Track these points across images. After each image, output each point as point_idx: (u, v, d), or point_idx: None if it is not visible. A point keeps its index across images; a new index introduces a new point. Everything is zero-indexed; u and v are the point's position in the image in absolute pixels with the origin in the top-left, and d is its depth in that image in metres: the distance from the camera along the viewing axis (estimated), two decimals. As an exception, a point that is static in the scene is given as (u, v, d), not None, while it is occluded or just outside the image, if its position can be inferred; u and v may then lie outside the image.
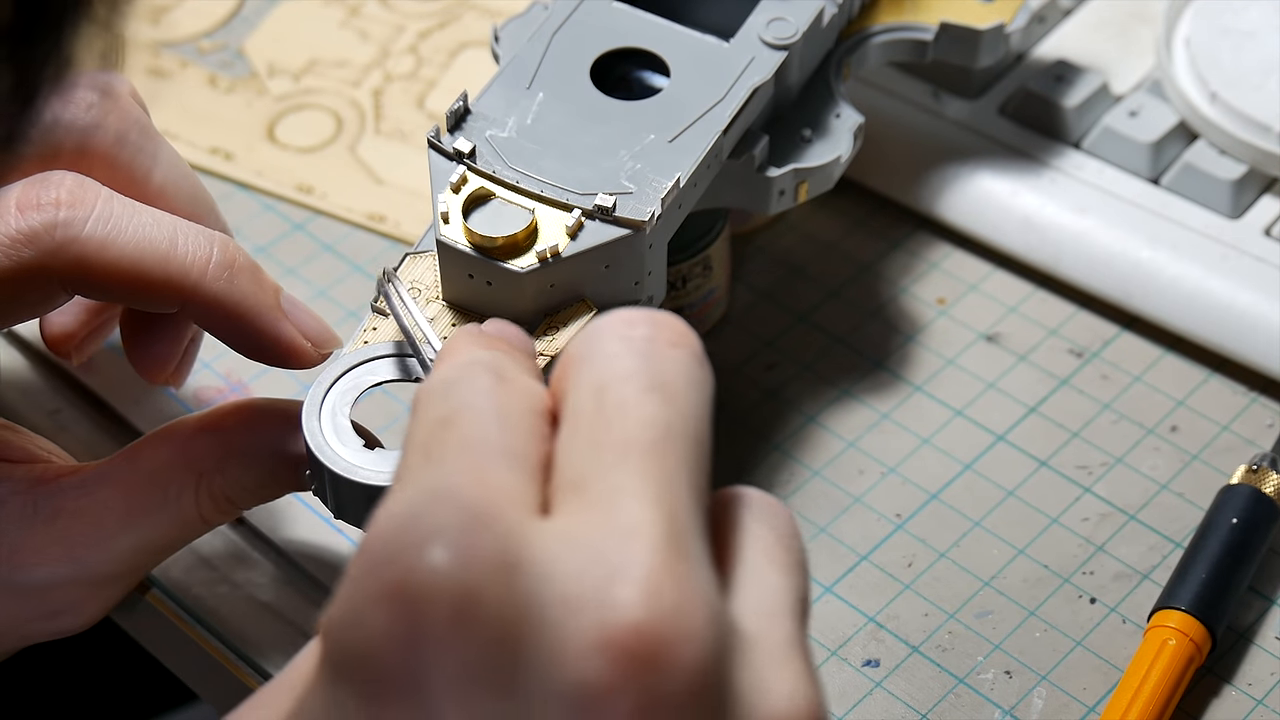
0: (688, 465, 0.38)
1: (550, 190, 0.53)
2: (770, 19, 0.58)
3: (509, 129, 0.55)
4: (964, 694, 0.55)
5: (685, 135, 0.55)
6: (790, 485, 0.60)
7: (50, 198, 0.51)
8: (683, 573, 0.36)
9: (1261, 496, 0.57)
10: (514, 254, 0.53)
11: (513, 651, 0.35)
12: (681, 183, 0.54)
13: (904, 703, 0.55)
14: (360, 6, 0.76)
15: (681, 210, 0.55)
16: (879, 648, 0.56)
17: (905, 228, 0.68)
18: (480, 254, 0.53)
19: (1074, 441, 0.61)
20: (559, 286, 0.53)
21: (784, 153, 0.59)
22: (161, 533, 0.53)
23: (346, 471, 0.50)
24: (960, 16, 0.62)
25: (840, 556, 0.59)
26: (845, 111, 0.60)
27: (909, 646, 0.56)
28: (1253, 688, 0.55)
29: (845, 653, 0.56)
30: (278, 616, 0.58)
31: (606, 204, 0.53)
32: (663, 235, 0.55)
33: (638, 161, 0.54)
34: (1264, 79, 0.65)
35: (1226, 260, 0.63)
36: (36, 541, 0.51)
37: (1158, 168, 0.66)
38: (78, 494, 0.52)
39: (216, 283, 0.52)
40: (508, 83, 0.57)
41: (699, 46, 0.58)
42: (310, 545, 0.59)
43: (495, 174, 0.54)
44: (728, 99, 0.56)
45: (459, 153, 0.54)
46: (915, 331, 0.65)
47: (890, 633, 0.57)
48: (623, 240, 0.53)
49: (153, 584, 0.58)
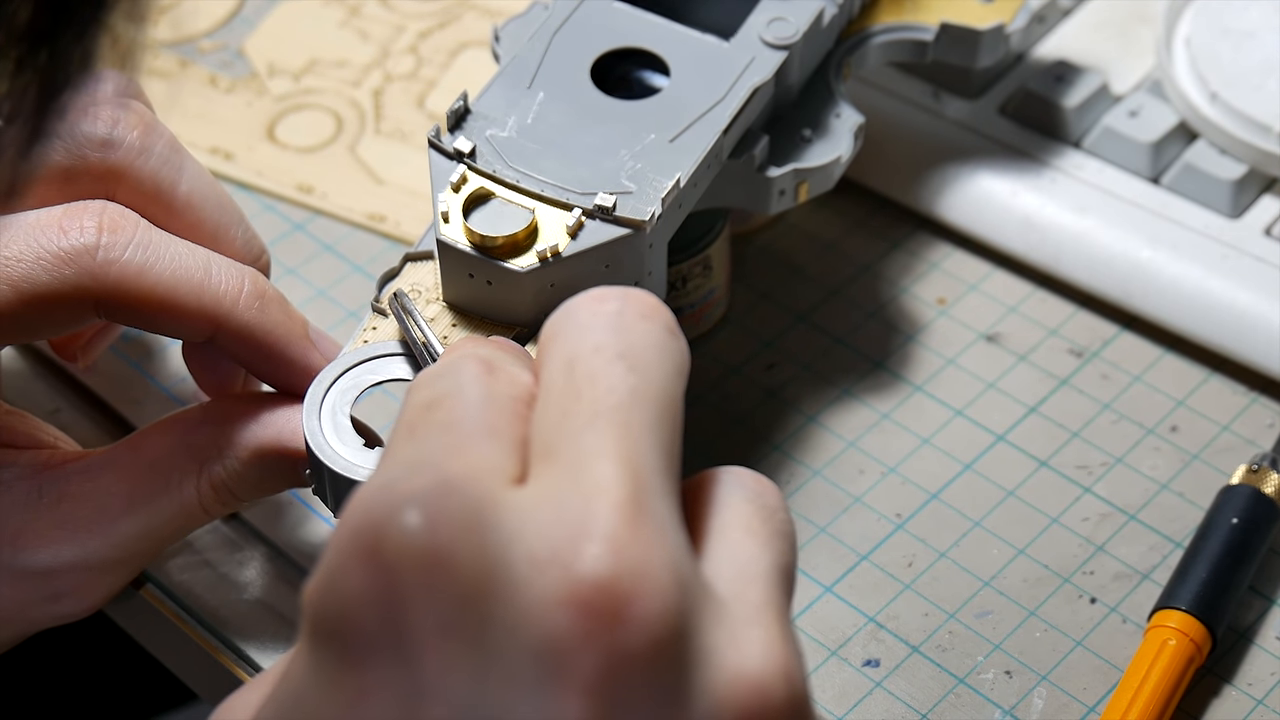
0: (655, 429, 0.39)
1: (551, 190, 0.53)
2: (771, 19, 0.58)
3: (509, 129, 0.55)
4: (964, 694, 0.55)
5: (686, 135, 0.55)
6: (790, 485, 0.60)
7: (94, 222, 0.52)
8: (648, 530, 0.37)
9: (1262, 496, 0.57)
10: (514, 253, 0.53)
11: (485, 608, 0.36)
12: (682, 182, 0.54)
13: (904, 703, 0.55)
14: (360, 6, 0.76)
15: (682, 210, 0.55)
16: (879, 648, 0.56)
17: (905, 228, 0.68)
18: (480, 253, 0.53)
19: (1074, 441, 0.61)
20: (559, 286, 0.53)
21: (784, 152, 0.59)
22: (164, 519, 0.53)
23: (345, 470, 0.50)
24: (960, 17, 0.62)
25: (840, 556, 0.59)
26: (845, 111, 0.60)
27: (909, 646, 0.56)
28: (1253, 688, 0.55)
29: (845, 653, 0.56)
30: (278, 616, 0.58)
31: (607, 204, 0.53)
32: (663, 235, 0.55)
33: (638, 161, 0.54)
34: (1264, 79, 0.65)
35: (1226, 260, 0.63)
36: (40, 525, 0.52)
37: (1158, 168, 0.66)
38: (82, 479, 0.53)
39: (248, 312, 0.53)
40: (508, 82, 0.57)
41: (699, 46, 0.58)
42: (312, 546, 0.59)
43: (495, 174, 0.54)
44: (728, 99, 0.56)
45: (459, 152, 0.54)
46: (915, 331, 0.65)
47: (890, 633, 0.57)
48: (623, 240, 0.53)
49: (151, 582, 0.58)
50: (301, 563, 0.59)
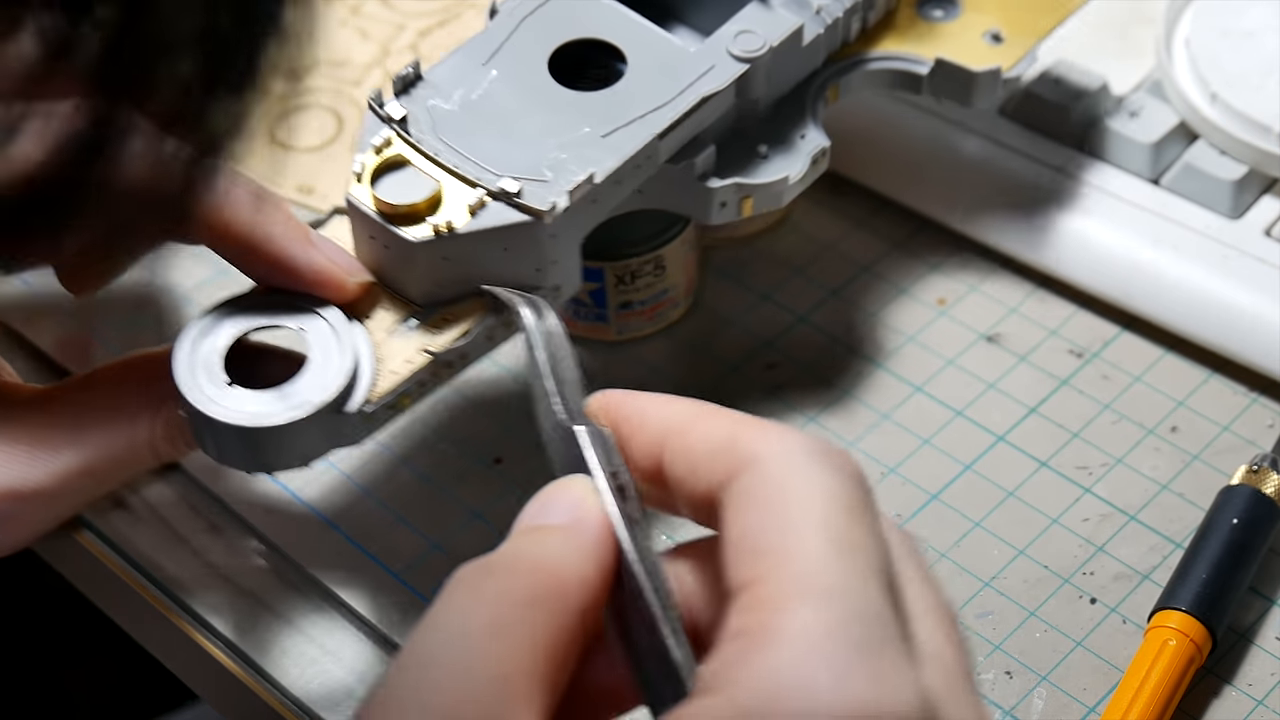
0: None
1: (466, 166, 0.54)
2: (740, 31, 0.57)
3: (454, 101, 0.55)
4: (964, 694, 0.55)
5: (619, 133, 0.55)
6: (790, 485, 0.60)
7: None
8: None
9: (1262, 497, 0.57)
10: (413, 223, 0.53)
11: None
12: (597, 179, 0.54)
13: (904, 703, 0.55)
14: (360, 5, 0.76)
15: (599, 206, 0.55)
16: (879, 648, 0.56)
17: (905, 228, 0.68)
18: (381, 218, 0.53)
19: (1074, 442, 0.62)
20: (454, 262, 0.53)
21: (733, 165, 0.58)
22: (109, 454, 0.53)
23: (198, 403, 0.51)
24: (962, 55, 0.61)
25: (840, 557, 0.59)
26: (811, 134, 0.59)
27: (909, 647, 0.56)
28: (1253, 688, 0.55)
29: (845, 653, 0.56)
30: (278, 616, 0.58)
31: (511, 188, 0.53)
32: (572, 228, 0.54)
33: (564, 151, 0.54)
34: (1264, 79, 0.65)
35: (1227, 260, 0.63)
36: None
37: (1158, 168, 0.66)
38: (28, 409, 0.53)
39: (249, 217, 0.52)
40: (466, 56, 0.57)
41: (664, 48, 0.57)
42: (312, 545, 0.59)
43: (419, 143, 0.54)
44: (674, 103, 0.56)
45: (390, 117, 0.55)
46: (915, 331, 0.65)
47: (890, 633, 0.57)
48: (521, 226, 0.53)
49: (153, 582, 0.58)
50: (307, 566, 0.59)
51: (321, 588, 0.58)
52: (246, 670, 0.57)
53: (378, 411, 0.52)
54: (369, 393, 0.52)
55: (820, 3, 0.59)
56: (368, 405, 0.52)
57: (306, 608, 0.58)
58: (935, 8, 0.62)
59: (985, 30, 0.62)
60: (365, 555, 0.59)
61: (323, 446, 0.52)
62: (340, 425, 0.52)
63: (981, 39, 0.62)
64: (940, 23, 0.62)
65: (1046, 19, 0.62)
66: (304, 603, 0.58)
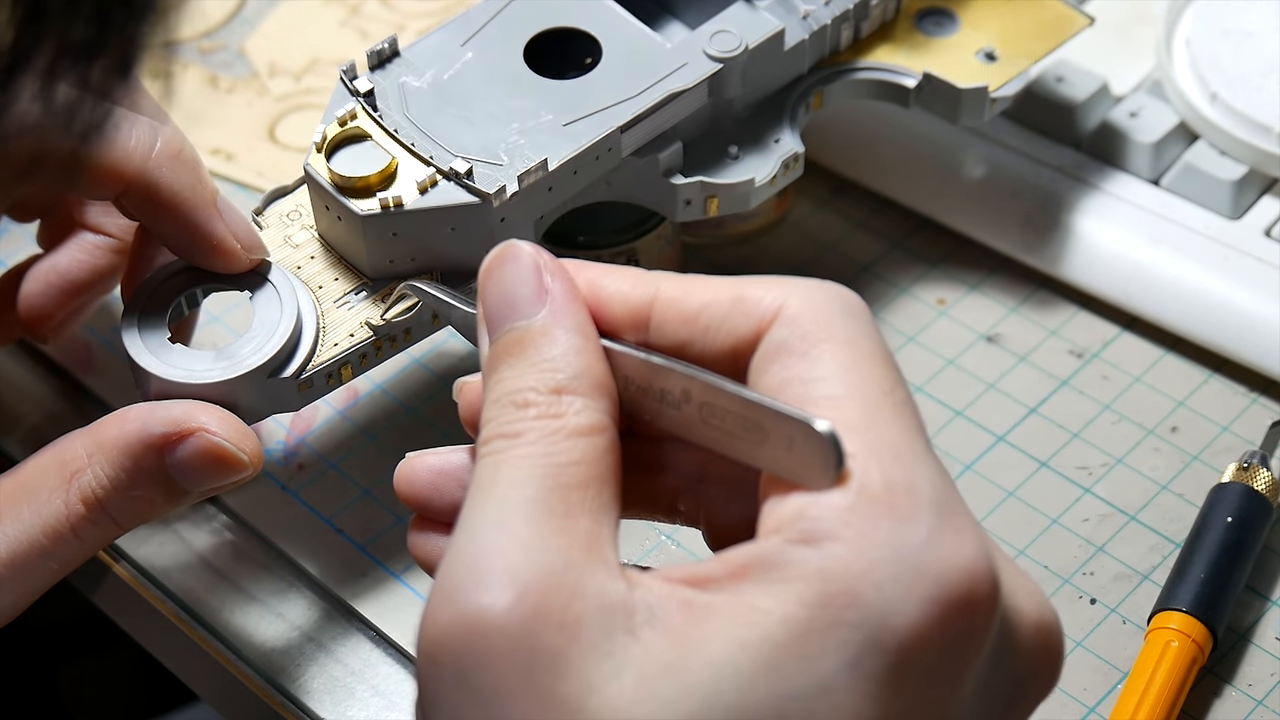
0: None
1: (424, 144, 0.54)
2: (717, 31, 0.57)
3: (425, 79, 0.56)
4: (965, 694, 0.55)
5: (581, 122, 0.55)
6: (791, 485, 0.60)
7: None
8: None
9: (1254, 493, 0.57)
10: (364, 196, 0.53)
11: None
12: (550, 166, 0.54)
13: (905, 703, 0.55)
14: (361, 5, 0.76)
15: (554, 194, 0.55)
16: (880, 648, 0.56)
17: (905, 228, 0.68)
18: (334, 189, 0.54)
19: (1074, 442, 0.62)
20: (402, 238, 0.54)
21: (702, 163, 0.58)
22: (27, 538, 0.50)
23: (138, 357, 0.52)
24: (953, 71, 0.61)
25: (841, 557, 0.59)
26: (786, 139, 0.59)
27: (910, 647, 0.56)
28: (1253, 688, 0.55)
29: (846, 653, 0.56)
30: (279, 616, 0.58)
31: (461, 169, 0.53)
32: (523, 213, 0.55)
33: (524, 138, 0.55)
34: (1264, 79, 0.65)
35: (1227, 261, 0.63)
36: None
37: (1158, 168, 0.66)
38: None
39: (158, 170, 0.52)
40: (446, 36, 0.57)
41: (641, 41, 0.57)
42: (313, 547, 0.59)
43: (380, 118, 0.55)
44: (640, 97, 0.56)
45: (357, 91, 0.55)
46: (915, 331, 0.65)
47: (891, 633, 0.57)
48: (469, 207, 0.53)
49: (152, 581, 0.58)
50: (308, 568, 0.59)
51: (322, 588, 0.58)
52: (247, 670, 0.57)
53: (314, 378, 0.53)
54: (308, 360, 0.53)
55: (807, 8, 0.59)
56: (304, 372, 0.53)
57: (306, 607, 0.58)
58: (933, 22, 0.62)
59: (980, 48, 0.62)
60: (366, 555, 0.59)
61: (261, 409, 0.53)
62: (277, 390, 0.53)
63: (975, 57, 0.62)
64: (936, 37, 0.62)
65: (1043, 42, 0.62)
66: (304, 602, 0.58)
